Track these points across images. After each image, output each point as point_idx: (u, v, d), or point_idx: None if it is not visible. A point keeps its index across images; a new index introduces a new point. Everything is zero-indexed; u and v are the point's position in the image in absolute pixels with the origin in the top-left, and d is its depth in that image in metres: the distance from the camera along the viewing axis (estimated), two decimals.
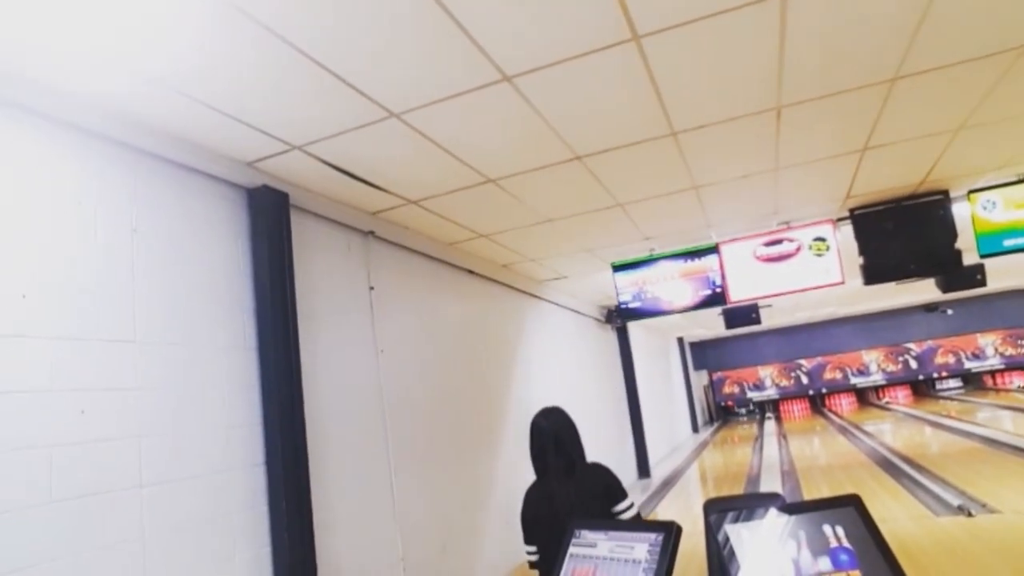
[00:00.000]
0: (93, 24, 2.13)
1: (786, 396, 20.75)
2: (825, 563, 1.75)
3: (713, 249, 6.04)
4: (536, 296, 7.58)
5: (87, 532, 2.32)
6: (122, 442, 2.51)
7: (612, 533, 1.89)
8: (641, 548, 1.76)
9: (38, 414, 2.25)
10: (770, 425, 17.34)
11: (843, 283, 5.68)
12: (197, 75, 2.51)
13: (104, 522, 2.39)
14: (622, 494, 2.70)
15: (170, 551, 2.61)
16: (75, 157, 2.56)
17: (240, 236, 3.30)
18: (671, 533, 1.76)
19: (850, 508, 1.86)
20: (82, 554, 2.29)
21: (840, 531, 1.81)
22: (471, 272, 5.87)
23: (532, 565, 2.76)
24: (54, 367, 2.32)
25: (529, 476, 2.95)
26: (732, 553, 1.80)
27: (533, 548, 2.76)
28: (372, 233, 4.38)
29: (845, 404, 20.14)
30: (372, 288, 4.32)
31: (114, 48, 2.27)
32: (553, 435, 2.77)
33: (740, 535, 1.84)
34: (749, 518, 1.88)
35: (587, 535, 1.93)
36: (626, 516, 2.66)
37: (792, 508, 1.89)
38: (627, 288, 6.43)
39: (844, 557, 1.76)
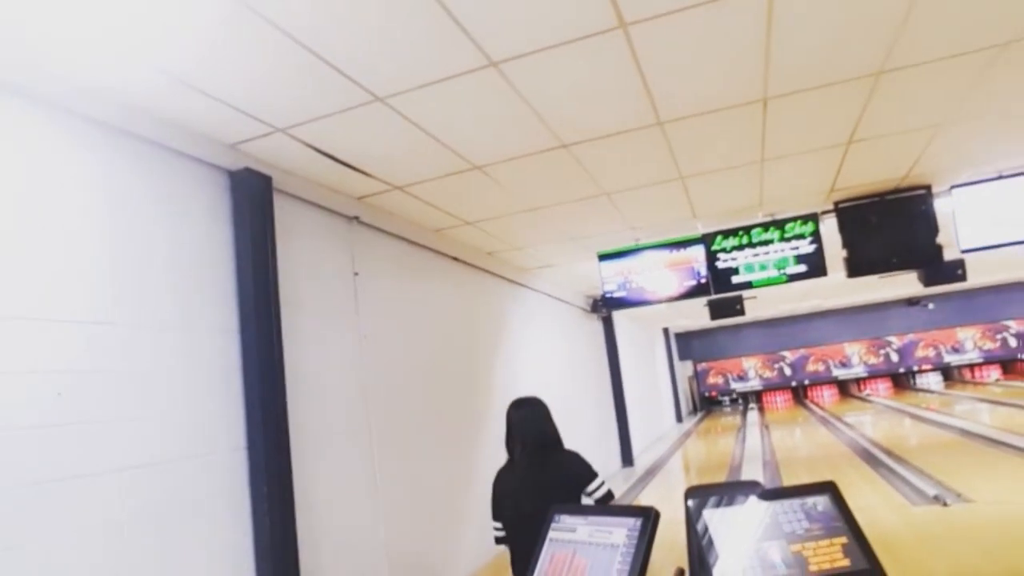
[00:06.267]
0: (72, 4, 2.09)
1: (769, 387, 20.99)
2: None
3: (699, 240, 6.06)
4: (522, 284, 7.58)
5: (65, 515, 2.30)
6: (101, 425, 2.49)
7: (591, 518, 1.90)
8: (620, 533, 1.77)
9: (13, 396, 2.22)
10: (753, 416, 17.51)
11: None
12: (177, 55, 2.46)
13: (83, 505, 2.37)
14: (590, 475, 2.76)
15: (149, 534, 2.60)
16: (50, 135, 2.51)
17: (222, 219, 3.26)
18: (649, 518, 1.77)
19: (826, 495, 1.89)
20: (61, 537, 2.27)
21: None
22: (456, 259, 5.85)
23: (498, 541, 2.87)
24: (29, 349, 2.29)
25: None
26: (711, 540, 1.82)
27: (499, 524, 2.85)
28: (357, 218, 4.35)
29: (827, 396, 20.38)
30: (356, 274, 4.30)
31: (93, 27, 2.22)
32: (519, 425, 2.88)
33: (719, 521, 1.86)
34: (728, 504, 1.90)
35: (566, 520, 1.94)
36: (598, 495, 2.71)
37: (769, 494, 1.92)
38: (613, 277, 6.45)
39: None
